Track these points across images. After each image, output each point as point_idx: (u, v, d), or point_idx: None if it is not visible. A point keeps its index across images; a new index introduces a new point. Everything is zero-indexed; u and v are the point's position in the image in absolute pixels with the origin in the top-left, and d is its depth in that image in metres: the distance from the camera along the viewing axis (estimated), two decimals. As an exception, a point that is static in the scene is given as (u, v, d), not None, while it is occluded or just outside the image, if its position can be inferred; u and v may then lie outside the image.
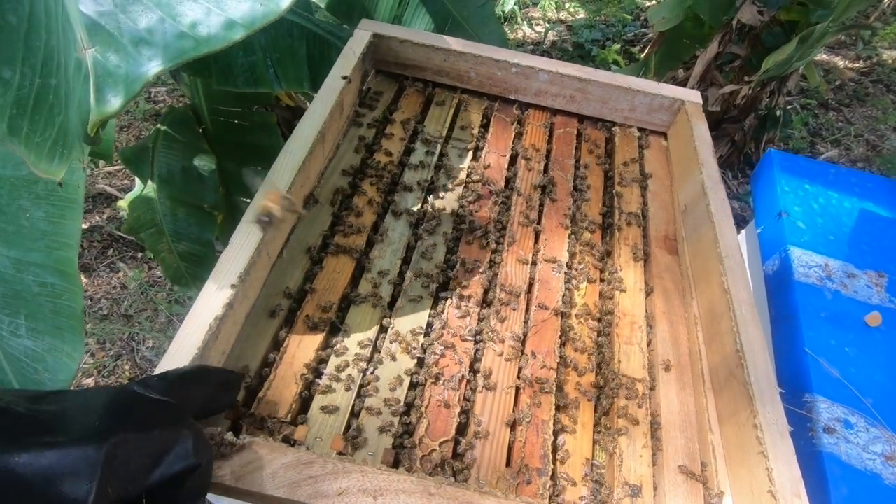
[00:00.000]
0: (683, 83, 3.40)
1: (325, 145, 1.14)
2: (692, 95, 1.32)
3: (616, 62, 4.34)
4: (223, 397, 0.72)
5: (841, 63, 4.77)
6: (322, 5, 1.98)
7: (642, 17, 4.85)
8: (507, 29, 4.84)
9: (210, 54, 1.96)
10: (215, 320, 0.77)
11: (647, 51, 3.80)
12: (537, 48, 4.66)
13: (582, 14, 5.05)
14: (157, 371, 0.69)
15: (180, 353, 0.73)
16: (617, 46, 4.51)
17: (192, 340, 0.74)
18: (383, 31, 1.33)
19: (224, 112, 2.37)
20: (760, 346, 0.86)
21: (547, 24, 4.87)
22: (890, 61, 4.77)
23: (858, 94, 4.47)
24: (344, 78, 1.20)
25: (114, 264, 2.96)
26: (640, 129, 1.39)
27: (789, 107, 4.21)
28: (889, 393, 1.03)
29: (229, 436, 0.67)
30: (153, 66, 0.81)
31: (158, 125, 2.31)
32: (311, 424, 0.81)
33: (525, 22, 4.90)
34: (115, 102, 0.80)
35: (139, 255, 3.01)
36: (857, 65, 4.76)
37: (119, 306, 2.79)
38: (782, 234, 1.29)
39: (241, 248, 0.86)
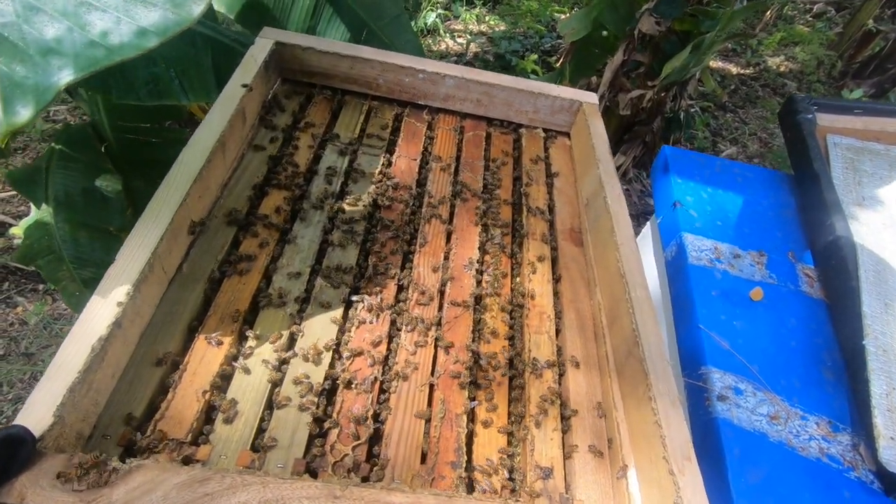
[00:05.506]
0: (596, 89, 3.61)
1: (227, 155, 1.10)
2: (588, 97, 1.41)
3: (534, 71, 4.53)
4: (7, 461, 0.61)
5: (734, 70, 5.25)
6: (231, 16, 1.93)
7: (557, 29, 5.10)
8: (430, 41, 4.93)
9: (109, 68, 1.86)
10: (99, 341, 0.72)
11: (561, 60, 4.00)
12: (460, 59, 4.77)
13: (502, 26, 5.24)
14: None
15: (59, 377, 0.68)
16: (535, 56, 4.71)
17: (74, 363, 0.69)
18: (286, 38, 1.32)
19: (130, 129, 2.24)
20: (653, 325, 0.92)
21: (469, 36, 5.01)
22: (774, 66, 5.30)
23: (750, 97, 4.93)
24: (244, 86, 1.17)
25: (11, 299, 2.69)
26: (545, 130, 1.46)
27: (692, 109, 4.57)
28: (772, 359, 1.13)
29: (114, 462, 0.63)
30: (64, 76, 0.79)
31: (52, 144, 2.15)
32: (214, 442, 0.77)
33: (447, 34, 5.01)
34: (24, 113, 0.77)
35: (40, 286, 2.76)
36: (747, 71, 5.25)
37: (18, 345, 2.54)
38: (677, 222, 1.39)
39: (130, 263, 0.81)
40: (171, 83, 1.75)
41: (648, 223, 1.67)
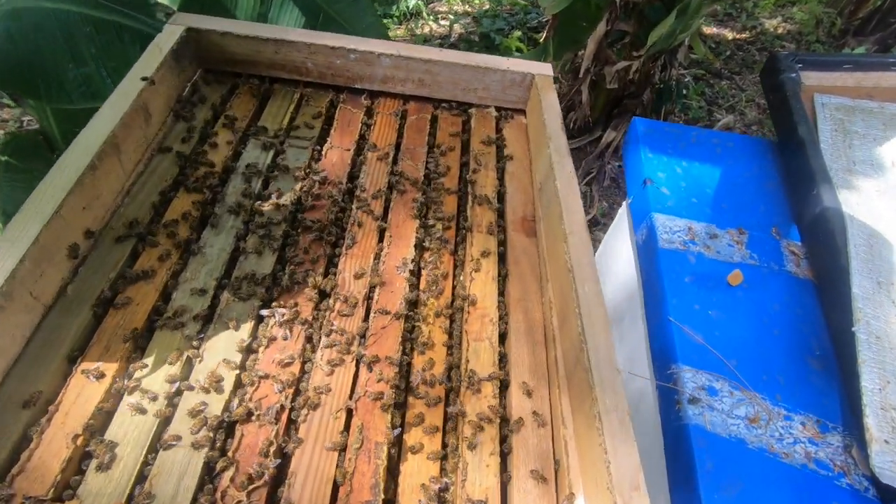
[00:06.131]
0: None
1: (125, 158, 0.98)
2: (541, 68, 1.26)
3: (519, 49, 4.35)
4: None
5: (729, 35, 5.01)
6: (175, 7, 1.80)
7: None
8: (412, 25, 4.75)
9: (35, 69, 1.72)
10: (-75, 389, 0.61)
11: (544, 35, 3.82)
12: (444, 42, 4.59)
13: (487, 5, 5.03)
14: None
15: None
16: (518, 33, 4.52)
17: None
18: (199, 24, 1.18)
19: (82, 134, 2.13)
20: (602, 327, 0.80)
21: (452, 17, 4.82)
22: (771, 29, 5.05)
23: (747, 62, 4.71)
24: (144, 79, 1.04)
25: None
26: (498, 109, 1.32)
27: (685, 79, 4.37)
28: (752, 352, 1.01)
29: (-82, 540, 0.52)
30: None
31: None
32: (83, 496, 0.67)
33: (431, 17, 4.82)
34: None
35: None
36: (743, 35, 5.01)
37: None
38: (647, 201, 1.26)
39: (-23, 293, 0.70)
40: (103, 83, 1.63)
41: (623, 205, 1.53)
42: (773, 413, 0.93)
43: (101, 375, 0.76)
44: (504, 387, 0.86)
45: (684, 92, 4.14)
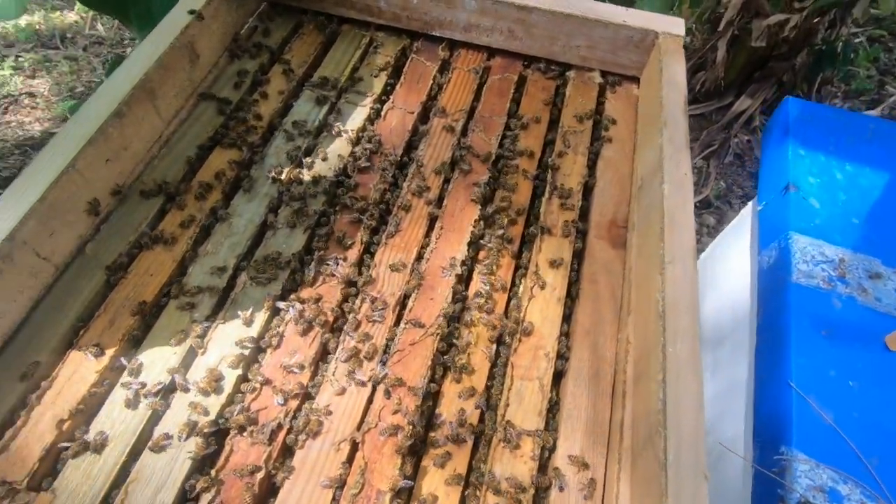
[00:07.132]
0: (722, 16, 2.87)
1: (162, 104, 0.88)
2: (671, 24, 0.97)
3: (647, -8, 3.75)
4: None
5: (930, -17, 3.96)
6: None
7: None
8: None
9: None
10: None
11: (681, -24, 3.23)
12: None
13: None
14: None
15: None
16: (649, -28, 3.90)
17: None
18: (262, -52, 1.03)
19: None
20: (693, 407, 0.59)
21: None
22: None
23: (947, 22, 3.73)
24: (191, 13, 0.92)
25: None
26: (603, 74, 1.06)
27: (856, 40, 3.55)
28: (905, 452, 0.74)
29: None
30: None
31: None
32: (58, 492, 0.61)
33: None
34: None
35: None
36: (950, -15, 3.94)
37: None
38: (786, 214, 0.96)
39: (-27, 253, 0.64)
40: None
41: (748, 207, 1.22)
42: (923, 546, 0.67)
43: (99, 353, 0.70)
44: (549, 446, 0.69)
45: (852, 56, 3.37)
